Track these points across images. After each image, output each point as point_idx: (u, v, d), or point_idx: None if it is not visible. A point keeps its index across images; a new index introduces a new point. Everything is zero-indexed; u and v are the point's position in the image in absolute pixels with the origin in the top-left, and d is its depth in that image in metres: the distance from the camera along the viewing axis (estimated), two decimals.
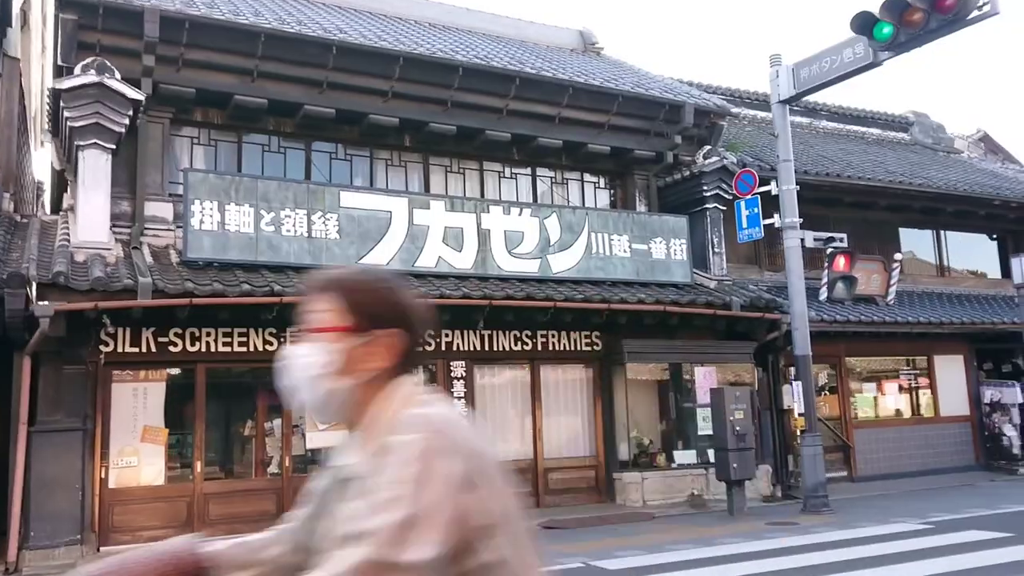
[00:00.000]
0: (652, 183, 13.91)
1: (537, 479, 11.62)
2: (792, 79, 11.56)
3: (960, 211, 17.14)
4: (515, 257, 11.23)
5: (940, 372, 15.29)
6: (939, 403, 15.13)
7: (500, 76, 11.86)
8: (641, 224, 12.37)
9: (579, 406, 12.22)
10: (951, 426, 15.18)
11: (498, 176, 12.96)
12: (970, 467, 15.09)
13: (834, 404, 14.21)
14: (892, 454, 14.37)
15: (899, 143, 21.29)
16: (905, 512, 10.52)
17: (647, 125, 13.31)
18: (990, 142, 33.56)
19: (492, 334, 11.52)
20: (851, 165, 16.47)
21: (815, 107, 20.47)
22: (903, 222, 17.07)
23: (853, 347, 14.38)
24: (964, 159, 21.40)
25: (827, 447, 13.72)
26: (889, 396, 14.72)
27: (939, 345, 15.27)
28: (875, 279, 14.83)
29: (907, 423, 14.73)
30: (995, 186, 17.97)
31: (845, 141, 19.78)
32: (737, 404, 10.98)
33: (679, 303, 11.79)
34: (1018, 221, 18.24)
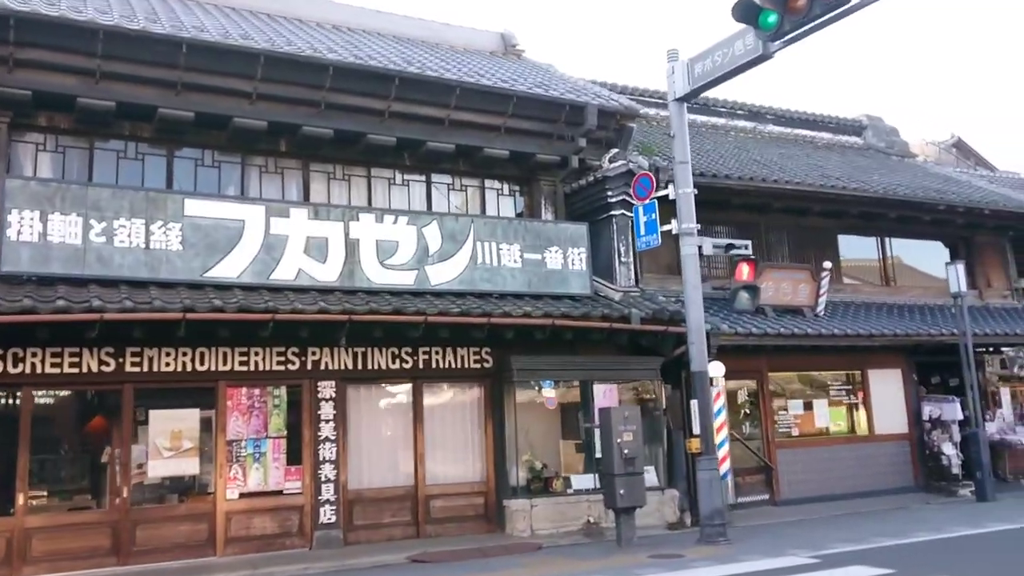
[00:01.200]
0: (559, 189, 13.14)
1: (417, 507, 10.79)
2: (687, 75, 10.79)
3: (903, 217, 16.31)
4: (388, 269, 10.45)
5: (875, 387, 14.43)
6: (874, 420, 14.26)
7: (378, 76, 11.12)
8: (535, 232, 11.58)
9: (467, 427, 11.40)
10: (887, 445, 14.30)
11: (388, 183, 12.19)
12: (908, 488, 14.21)
13: (756, 422, 13.34)
14: (820, 475, 13.49)
15: (851, 147, 20.51)
16: (805, 543, 9.66)
17: (549, 128, 12.56)
18: (963, 147, 32.93)
19: (367, 351, 10.72)
20: (785, 169, 15.67)
21: (759, 111, 19.75)
22: (842, 228, 16.24)
23: (777, 361, 13.53)
24: (918, 163, 20.61)
25: (747, 469, 12.95)
26: (818, 413, 13.85)
27: (874, 358, 14.41)
28: (803, 289, 14.01)
29: (838, 442, 13.85)
30: (943, 191, 17.15)
31: (791, 146, 19.01)
32: (626, 425, 10.15)
33: (571, 316, 10.99)
34: (968, 227, 17.42)
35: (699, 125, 18.56)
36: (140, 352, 9.52)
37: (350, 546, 10.17)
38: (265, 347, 10.10)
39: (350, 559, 9.62)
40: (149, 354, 9.56)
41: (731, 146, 17.22)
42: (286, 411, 10.28)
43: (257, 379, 10.12)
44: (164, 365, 9.63)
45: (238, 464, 9.88)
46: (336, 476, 10.26)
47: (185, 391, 9.90)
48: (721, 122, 19.09)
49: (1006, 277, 18.10)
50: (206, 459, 9.83)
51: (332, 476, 10.24)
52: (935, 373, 16.66)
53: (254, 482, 9.94)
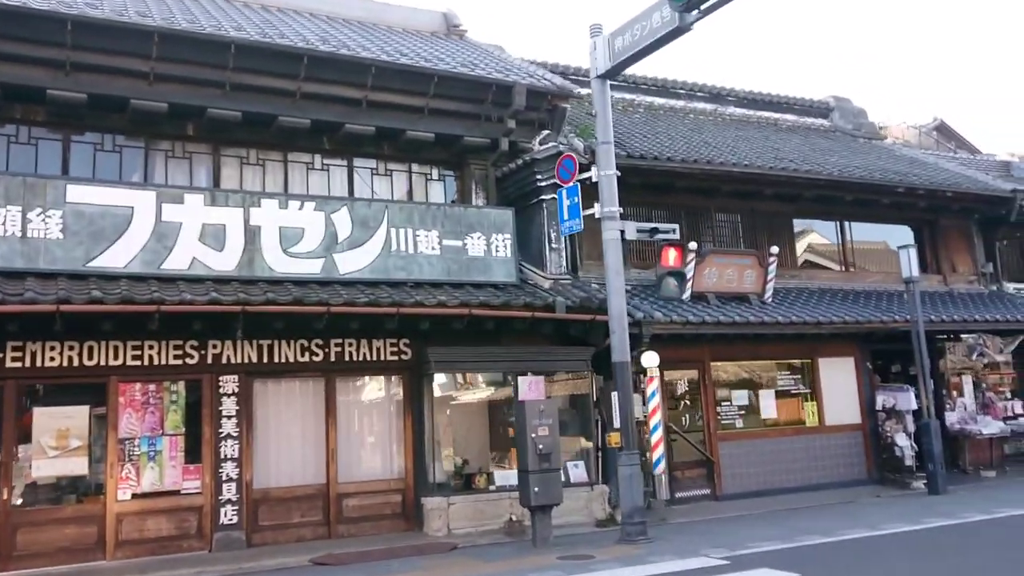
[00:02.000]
0: (490, 173, 12.63)
1: (329, 506, 10.31)
2: (608, 51, 10.25)
3: (861, 200, 15.74)
4: (292, 257, 9.93)
5: (826, 376, 13.90)
6: (824, 411, 13.74)
7: (286, 55, 10.58)
8: (455, 218, 11.05)
9: (385, 422, 10.92)
10: (839, 436, 13.79)
11: (306, 168, 11.68)
12: (861, 481, 13.70)
13: (697, 414, 12.83)
14: (766, 469, 12.99)
15: (816, 129, 19.94)
16: (727, 541, 9.17)
17: (476, 109, 12.02)
18: (946, 130, 32.36)
19: (273, 344, 10.23)
20: (737, 152, 15.10)
21: (720, 92, 19.19)
22: (797, 213, 15.69)
23: (720, 351, 13.01)
24: (886, 145, 20.02)
25: (687, 463, 12.48)
26: (764, 404, 13.33)
27: (824, 347, 13.89)
28: (749, 275, 13.47)
29: (785, 434, 13.34)
30: (904, 172, 16.58)
31: (751, 128, 18.43)
32: (542, 419, 9.65)
33: (490, 305, 10.48)
34: (931, 210, 16.84)
35: (657, 107, 18.07)
36: (22, 347, 9.03)
37: (254, 548, 9.71)
38: (160, 340, 9.61)
39: (249, 562, 9.16)
40: (32, 348, 9.08)
41: (685, 128, 16.65)
42: (184, 407, 9.79)
43: (152, 374, 9.63)
44: (48, 360, 9.15)
45: (131, 463, 9.40)
46: (239, 475, 9.78)
47: (74, 387, 9.40)
48: (680, 104, 18.52)
49: (972, 261, 17.54)
50: (96, 458, 9.35)
51: (234, 475, 9.76)
52: (895, 361, 16.17)
53: (148, 482, 9.46)
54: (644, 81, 18.28)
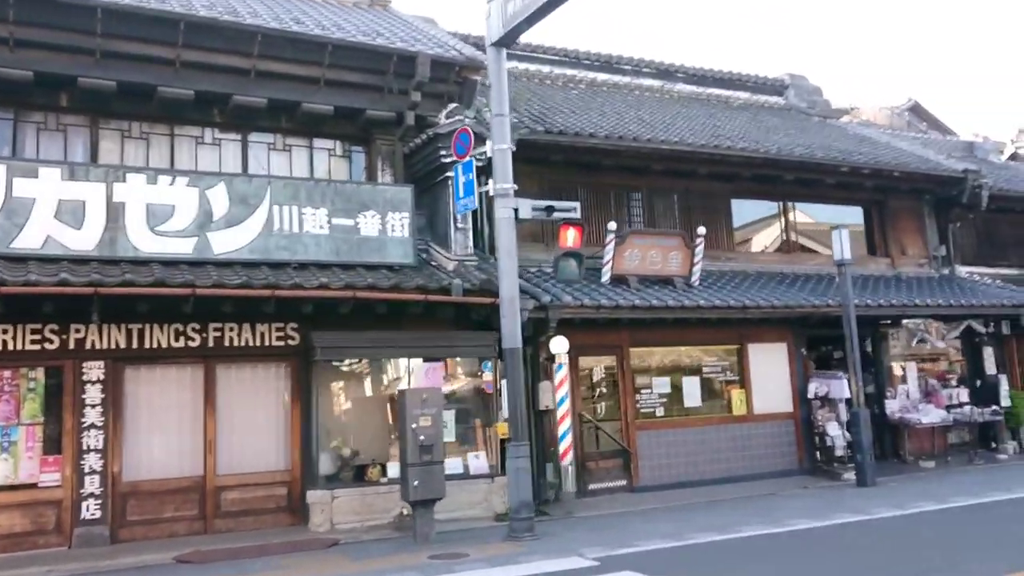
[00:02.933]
0: (397, 149, 12.00)
1: (206, 500, 9.75)
2: (502, 16, 9.60)
3: (804, 180, 15.14)
4: (160, 236, 9.31)
5: (756, 363, 13.32)
6: (753, 399, 13.17)
7: (161, 21, 9.90)
8: (346, 195, 10.42)
9: (272, 411, 10.32)
10: (769, 425, 13.24)
11: (195, 142, 11.04)
12: (792, 472, 13.16)
13: (615, 402, 12.26)
14: (688, 459, 12.44)
15: (769, 108, 19.30)
16: (615, 539, 8.64)
17: (379, 80, 11.37)
18: (921, 111, 31.75)
19: (144, 328, 9.63)
20: (671, 129, 14.47)
21: (668, 69, 18.52)
22: (736, 193, 15.07)
23: (641, 335, 12.42)
24: (840, 124, 19.38)
25: (602, 453, 11.96)
26: (688, 392, 12.75)
27: (755, 332, 13.31)
28: (675, 257, 12.87)
29: (710, 422, 12.77)
30: (852, 151, 15.96)
31: (699, 105, 17.82)
32: (424, 408, 9.08)
33: (379, 288, 9.87)
34: (878, 191, 16.24)
35: (600, 83, 17.47)
36: None
37: (119, 544, 9.15)
38: (15, 324, 9.01)
39: (108, 559, 8.60)
40: None
41: (624, 105, 16.01)
42: (44, 395, 9.20)
43: (6, 360, 9.03)
44: None
45: None
46: (103, 467, 9.20)
47: None
48: (625, 80, 17.88)
49: (923, 244, 16.96)
50: None
51: (98, 467, 9.18)
52: (838, 347, 15.60)
53: (1, 474, 8.88)
54: (587, 56, 17.64)
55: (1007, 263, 17.98)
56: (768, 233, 16.05)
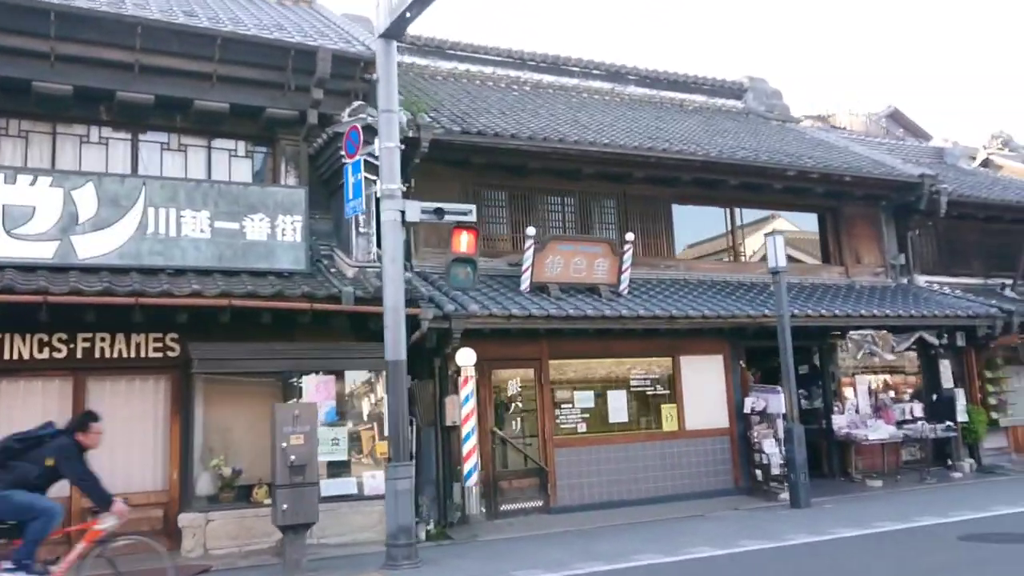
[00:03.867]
0: (302, 150, 11.40)
1: (71, 522, 9.07)
2: (388, 5, 8.98)
3: (750, 184, 14.48)
4: (17, 239, 8.71)
5: (689, 376, 12.64)
6: (684, 414, 12.48)
7: (31, 11, 9.32)
8: (231, 197, 9.81)
9: (149, 428, 9.68)
10: (702, 442, 12.54)
11: (79, 141, 10.43)
12: (727, 491, 12.46)
13: (532, 418, 11.59)
14: (612, 479, 11.75)
15: (726, 111, 18.69)
16: (496, 569, 7.98)
17: (278, 77, 10.78)
18: (900, 117, 31.20)
19: (4, 339, 9.00)
20: (603, 131, 13.83)
21: (619, 71, 17.91)
22: (677, 197, 14.41)
23: (561, 347, 11.76)
24: (799, 128, 18.75)
25: (515, 472, 11.29)
26: (614, 407, 12.07)
27: (688, 344, 12.63)
28: (601, 265, 12.22)
29: (637, 439, 12.08)
30: (803, 155, 15.29)
31: (650, 108, 17.22)
32: (296, 426, 8.42)
33: (260, 295, 9.24)
34: (832, 196, 15.55)
35: (545, 85, 16.88)
36: None
37: None
38: None
39: None
40: None
41: (565, 107, 15.39)
42: None
43: None
44: None
45: None
46: None
47: None
48: (573, 82, 17.29)
49: (880, 252, 16.26)
50: None
51: None
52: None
53: None
54: (532, 58, 17.06)
55: (970, 272, 17.28)
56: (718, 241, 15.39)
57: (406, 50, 15.77)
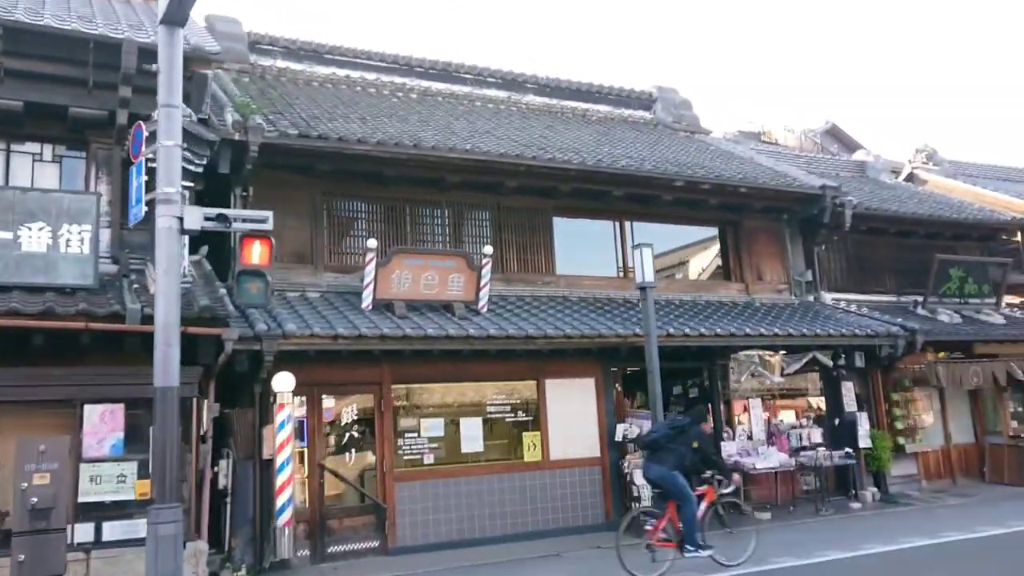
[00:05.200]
0: (115, 154, 10.31)
1: None
2: None
3: (637, 196, 13.61)
4: None
5: (556, 402, 11.66)
6: (549, 443, 11.48)
7: None
8: (5, 203, 8.74)
9: None
10: (569, 473, 11.54)
11: None
12: (596, 527, 11.45)
13: (370, 449, 10.53)
14: (464, 514, 10.71)
15: (630, 121, 17.91)
16: None
17: (81, 73, 9.75)
18: (838, 133, 30.85)
19: None
20: (473, 137, 12.91)
21: (516, 79, 17.06)
22: (559, 209, 13.50)
23: (407, 370, 10.74)
24: (707, 139, 17.96)
25: (351, 509, 10.21)
26: (467, 435, 11.06)
27: (554, 366, 11.66)
28: (456, 280, 11.24)
29: (494, 471, 11.06)
30: (699, 165, 14.45)
31: (544, 117, 16.38)
32: (41, 463, 7.33)
33: (23, 313, 8.15)
34: (730, 209, 14.71)
35: (434, 93, 15.99)
36: None
37: None
38: None
39: None
40: None
41: (448, 115, 14.49)
42: None
43: None
44: None
45: None
46: None
47: None
48: (466, 90, 16.42)
49: (783, 268, 15.41)
50: None
51: None
52: (677, 382, 14.03)
53: None
54: (421, 64, 16.18)
55: (882, 289, 16.49)
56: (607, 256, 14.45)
57: (279, 54, 14.93)
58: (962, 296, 16.20)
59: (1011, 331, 15.38)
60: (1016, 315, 17.04)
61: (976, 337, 14.89)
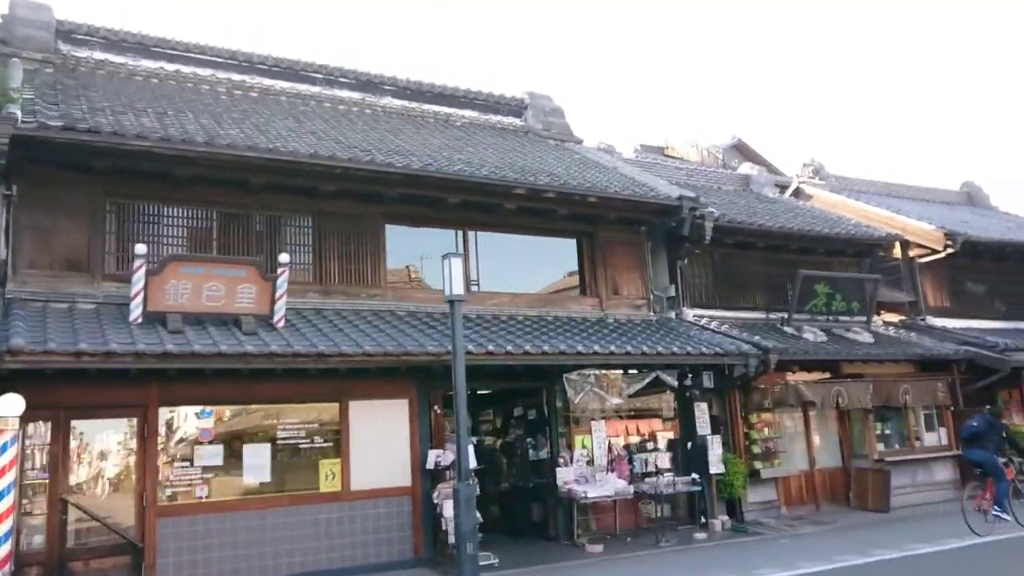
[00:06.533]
0: None
1: None
2: None
3: (478, 203, 12.71)
4: None
5: (361, 426, 10.63)
6: (351, 471, 10.43)
7: None
8: None
9: None
10: (374, 504, 10.50)
11: None
12: (404, 563, 10.45)
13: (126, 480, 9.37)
14: (245, 552, 9.59)
15: (502, 128, 17.10)
16: None
17: None
18: (744, 148, 30.65)
19: None
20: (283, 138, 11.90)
21: (373, 80, 16.12)
22: (390, 216, 12.54)
23: (180, 391, 9.63)
24: (576, 148, 17.18)
25: (101, 549, 8.98)
26: (252, 463, 9.95)
27: (360, 387, 10.65)
28: (247, 291, 10.16)
29: (281, 503, 9.97)
30: (551, 173, 13.61)
31: (402, 121, 15.47)
32: None
33: None
34: (582, 220, 13.92)
35: (279, 92, 15.04)
36: None
37: None
38: None
39: None
40: None
41: (279, 115, 13.45)
42: None
43: None
44: None
45: None
46: None
47: None
48: (315, 90, 15.43)
49: (642, 283, 14.64)
50: None
51: None
52: (518, 403, 13.14)
53: None
54: (264, 61, 15.19)
55: (751, 306, 15.84)
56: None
57: (98, 45, 13.81)
58: (830, 313, 15.63)
59: (875, 350, 14.81)
60: (890, 333, 16.56)
61: (836, 356, 14.31)
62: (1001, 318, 18.76)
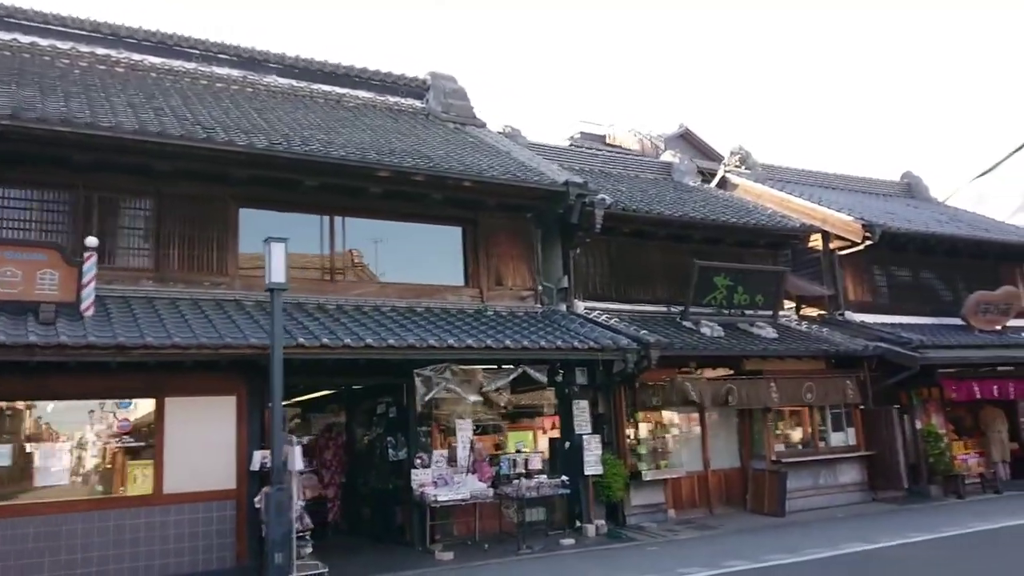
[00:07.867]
0: None
1: None
2: None
3: (343, 187, 11.93)
4: None
5: (179, 424, 9.78)
6: (164, 472, 9.62)
7: None
8: None
9: None
10: (192, 508, 9.66)
11: None
12: (224, 571, 9.65)
13: None
14: (30, 562, 8.75)
15: (400, 110, 16.31)
16: None
17: None
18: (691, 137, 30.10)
19: None
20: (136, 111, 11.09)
21: (257, 58, 15.29)
22: (245, 199, 11.73)
23: None
24: (477, 132, 16.36)
25: None
26: (46, 464, 9.14)
27: (179, 382, 9.81)
28: (48, 277, 9.34)
29: (77, 508, 9.10)
30: (430, 155, 12.81)
31: (279, 100, 14.63)
32: None
33: None
34: (462, 206, 13.14)
35: (148, 68, 14.21)
36: None
37: None
38: None
39: None
40: None
41: (132, 91, 12.60)
42: None
43: None
44: None
45: None
46: None
47: None
48: (190, 67, 14.58)
49: (529, 273, 13.86)
50: None
51: None
52: (381, 400, 12.37)
53: None
54: (133, 35, 14.38)
55: (650, 299, 15.09)
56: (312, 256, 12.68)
57: None
58: (731, 306, 14.90)
59: (774, 346, 14.09)
60: (801, 328, 15.87)
61: (729, 352, 13.56)
62: (928, 314, 18.09)
